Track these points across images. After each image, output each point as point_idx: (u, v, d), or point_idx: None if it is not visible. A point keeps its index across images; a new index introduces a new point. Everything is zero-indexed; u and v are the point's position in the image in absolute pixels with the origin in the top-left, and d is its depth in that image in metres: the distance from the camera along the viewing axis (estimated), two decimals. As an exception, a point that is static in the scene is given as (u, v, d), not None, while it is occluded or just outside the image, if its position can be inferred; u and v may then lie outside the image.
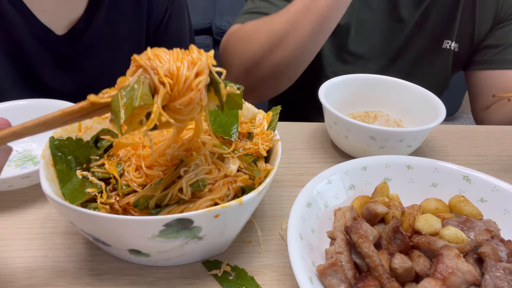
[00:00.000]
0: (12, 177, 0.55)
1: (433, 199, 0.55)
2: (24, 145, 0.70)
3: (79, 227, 0.44)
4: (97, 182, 0.51)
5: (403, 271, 0.44)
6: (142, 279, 0.48)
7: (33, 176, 0.57)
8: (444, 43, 1.03)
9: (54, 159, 0.50)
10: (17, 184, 0.57)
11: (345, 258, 0.45)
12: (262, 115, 0.57)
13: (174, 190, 0.45)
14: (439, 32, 1.02)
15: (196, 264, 0.50)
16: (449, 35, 1.02)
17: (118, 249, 0.46)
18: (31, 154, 0.68)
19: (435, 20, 1.00)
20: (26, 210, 0.57)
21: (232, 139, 0.54)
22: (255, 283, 0.48)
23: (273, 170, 0.48)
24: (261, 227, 0.56)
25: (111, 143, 0.55)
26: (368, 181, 0.58)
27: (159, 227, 0.40)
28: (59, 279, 0.48)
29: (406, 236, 0.48)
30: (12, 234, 0.53)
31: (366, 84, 0.79)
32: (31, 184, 0.59)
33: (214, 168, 0.49)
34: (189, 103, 0.38)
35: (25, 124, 0.37)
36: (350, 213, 0.50)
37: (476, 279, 0.41)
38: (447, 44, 1.03)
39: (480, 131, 0.82)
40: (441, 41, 1.03)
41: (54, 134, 0.52)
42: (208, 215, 0.42)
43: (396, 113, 0.79)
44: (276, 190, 0.63)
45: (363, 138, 0.65)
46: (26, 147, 0.70)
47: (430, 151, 0.75)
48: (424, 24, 1.01)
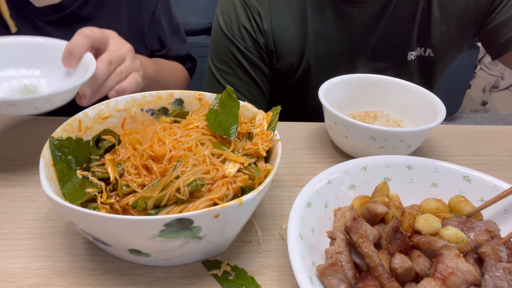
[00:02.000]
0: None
1: (433, 199, 0.55)
2: (34, 80, 0.69)
3: (79, 227, 0.44)
4: (97, 182, 0.51)
5: (403, 271, 0.44)
6: (142, 279, 0.48)
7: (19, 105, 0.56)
8: (408, 55, 0.98)
9: (54, 159, 0.50)
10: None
11: (345, 258, 0.45)
12: (262, 115, 0.57)
13: (172, 190, 0.45)
14: (403, 45, 0.97)
15: (196, 264, 0.50)
16: (412, 45, 0.97)
17: (118, 249, 0.46)
18: (37, 90, 0.68)
19: (396, 34, 0.95)
20: (26, 210, 0.57)
21: (231, 139, 0.54)
22: (255, 283, 0.48)
23: (273, 170, 0.48)
24: (261, 227, 0.56)
25: (112, 143, 0.55)
26: (368, 181, 0.58)
27: (159, 227, 0.40)
28: (59, 279, 0.48)
29: (406, 236, 0.48)
30: (12, 234, 0.53)
31: (366, 84, 0.79)
32: (16, 113, 0.58)
33: (212, 169, 0.49)
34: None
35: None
36: (350, 213, 0.50)
37: (476, 279, 0.41)
38: (412, 56, 0.98)
39: (480, 131, 0.82)
40: (406, 54, 0.98)
41: (54, 134, 0.52)
42: (208, 215, 0.42)
43: (396, 113, 0.79)
44: (276, 190, 0.63)
45: (363, 138, 0.65)
46: (35, 83, 0.69)
47: (430, 151, 0.75)
48: (383, 43, 0.96)
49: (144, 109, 0.62)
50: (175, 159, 0.50)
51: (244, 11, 0.94)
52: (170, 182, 0.46)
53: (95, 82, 0.64)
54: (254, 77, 0.98)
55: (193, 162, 0.49)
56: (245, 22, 0.94)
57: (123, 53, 0.69)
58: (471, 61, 2.36)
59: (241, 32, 0.95)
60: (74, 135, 0.55)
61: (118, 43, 0.69)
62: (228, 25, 0.96)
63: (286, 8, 0.94)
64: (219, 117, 0.56)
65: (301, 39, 0.94)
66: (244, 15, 0.94)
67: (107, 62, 0.65)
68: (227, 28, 0.96)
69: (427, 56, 0.99)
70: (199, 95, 0.62)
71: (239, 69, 0.98)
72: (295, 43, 0.95)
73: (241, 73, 0.98)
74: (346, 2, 0.91)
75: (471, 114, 2.59)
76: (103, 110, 0.59)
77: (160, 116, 0.62)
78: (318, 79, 0.95)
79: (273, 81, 1.03)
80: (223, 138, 0.55)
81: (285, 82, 1.01)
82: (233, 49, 0.96)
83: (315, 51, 0.96)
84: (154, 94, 0.62)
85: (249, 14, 0.94)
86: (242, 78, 0.98)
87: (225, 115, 0.57)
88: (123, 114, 0.61)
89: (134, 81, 0.69)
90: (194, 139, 0.53)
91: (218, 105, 0.58)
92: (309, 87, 1.00)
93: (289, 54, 0.96)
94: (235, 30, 0.95)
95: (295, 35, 0.94)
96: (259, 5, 0.93)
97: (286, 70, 0.99)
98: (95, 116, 0.58)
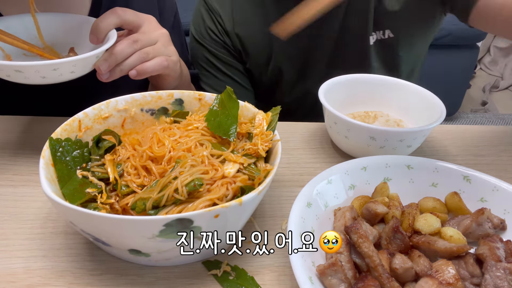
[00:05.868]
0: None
1: (431, 198, 0.55)
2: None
3: (79, 227, 0.44)
4: (97, 182, 0.51)
5: (403, 271, 0.44)
6: (142, 279, 0.48)
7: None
8: (370, 39, 0.96)
9: (54, 159, 0.50)
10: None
11: (345, 258, 0.45)
12: (262, 115, 0.57)
13: (170, 191, 0.45)
14: (362, 32, 0.94)
15: (196, 264, 0.50)
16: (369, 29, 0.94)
17: (118, 249, 0.46)
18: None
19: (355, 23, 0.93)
20: (26, 210, 0.57)
21: (231, 139, 0.54)
22: (255, 283, 0.48)
23: (273, 170, 0.48)
24: (261, 227, 0.56)
25: (112, 144, 0.55)
26: (368, 181, 0.58)
27: (159, 227, 0.40)
28: (59, 279, 0.48)
29: (406, 236, 0.48)
30: (12, 234, 0.53)
31: (366, 84, 0.79)
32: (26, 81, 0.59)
33: (211, 169, 0.49)
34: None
35: None
36: (350, 213, 0.50)
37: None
38: (372, 40, 0.96)
39: (480, 131, 0.82)
40: (366, 40, 0.95)
41: (54, 134, 0.52)
42: (208, 215, 0.42)
43: (396, 113, 0.79)
44: (276, 190, 0.63)
45: (363, 138, 0.65)
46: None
47: (430, 151, 0.75)
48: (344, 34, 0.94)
49: (144, 109, 0.62)
50: (174, 160, 0.50)
51: (208, 15, 0.97)
52: (168, 182, 0.46)
53: (113, 58, 0.63)
54: (230, 75, 1.01)
55: (192, 162, 0.49)
56: (210, 25, 0.97)
57: (155, 35, 0.68)
58: (471, 61, 2.36)
59: (209, 35, 0.98)
60: (74, 135, 0.55)
61: (151, 26, 0.68)
62: (198, 32, 0.99)
63: (248, 7, 0.95)
64: (218, 118, 0.56)
65: (267, 38, 0.94)
66: (209, 19, 0.97)
67: (132, 41, 0.64)
68: (197, 34, 1.00)
69: (387, 38, 0.96)
70: (199, 95, 0.62)
71: (214, 70, 1.01)
72: (260, 42, 0.96)
73: (217, 73, 1.01)
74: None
75: (471, 114, 2.59)
76: (103, 110, 0.59)
77: (160, 116, 0.62)
78: (291, 76, 0.98)
79: (251, 79, 1.04)
80: (223, 139, 0.55)
81: (260, 80, 1.03)
82: (205, 53, 1.00)
83: (282, 50, 0.96)
84: (154, 94, 0.62)
85: (213, 17, 0.97)
86: (220, 78, 1.01)
87: (224, 115, 0.57)
88: (123, 114, 0.61)
89: (158, 63, 0.68)
90: (194, 140, 0.53)
91: (218, 105, 0.58)
92: (283, 84, 1.01)
93: (257, 53, 0.98)
94: (204, 35, 0.98)
95: (260, 35, 0.95)
96: (220, 7, 0.96)
97: (257, 69, 1.01)
98: (95, 116, 0.58)
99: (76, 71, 0.60)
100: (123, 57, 0.64)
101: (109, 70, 0.64)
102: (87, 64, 0.61)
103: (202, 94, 0.62)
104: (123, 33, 0.69)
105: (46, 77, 0.57)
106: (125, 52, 0.64)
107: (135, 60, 0.65)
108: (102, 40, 0.64)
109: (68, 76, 0.59)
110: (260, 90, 1.07)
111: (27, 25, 0.68)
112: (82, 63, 0.60)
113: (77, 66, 0.59)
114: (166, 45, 0.70)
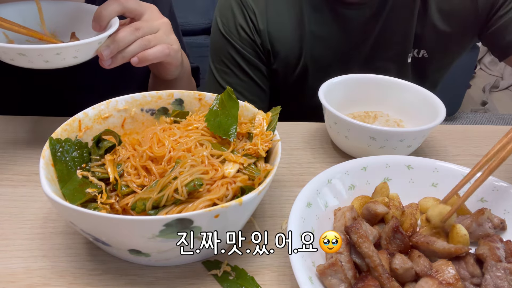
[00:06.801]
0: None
1: (431, 198, 0.55)
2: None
3: (79, 227, 0.44)
4: (97, 182, 0.51)
5: (403, 272, 0.44)
6: (142, 279, 0.48)
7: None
8: (408, 57, 0.98)
9: (54, 159, 0.50)
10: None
11: (345, 258, 0.45)
12: (262, 115, 0.57)
13: (170, 191, 0.45)
14: (401, 47, 0.96)
15: (196, 264, 0.50)
16: (409, 47, 0.97)
17: (118, 249, 0.46)
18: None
19: (393, 36, 0.95)
20: (26, 210, 0.57)
21: (231, 139, 0.54)
22: (255, 283, 0.48)
23: (273, 170, 0.48)
24: (261, 227, 0.56)
25: (112, 144, 0.55)
26: (368, 181, 0.58)
27: (160, 227, 0.40)
28: (59, 279, 0.48)
29: (406, 236, 0.48)
30: (12, 234, 0.53)
31: (366, 84, 0.79)
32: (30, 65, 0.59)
33: (211, 169, 0.49)
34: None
35: None
36: (350, 213, 0.50)
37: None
38: (409, 57, 0.98)
39: (480, 131, 0.82)
40: (406, 56, 0.98)
41: (54, 134, 0.52)
42: (208, 215, 0.42)
43: (396, 113, 0.79)
44: (276, 190, 0.63)
45: (363, 138, 0.65)
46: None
47: (430, 151, 0.75)
48: (380, 44, 0.96)
49: (144, 109, 0.62)
50: (174, 160, 0.50)
51: (241, 11, 0.95)
52: (168, 183, 0.46)
53: (115, 45, 0.63)
54: (253, 76, 0.99)
55: (192, 162, 0.49)
56: (242, 22, 0.95)
57: (157, 24, 0.68)
58: (471, 61, 2.36)
59: (238, 32, 0.95)
60: (74, 135, 0.55)
61: (153, 15, 0.69)
62: (225, 26, 0.97)
63: (283, 8, 0.94)
64: (218, 118, 0.56)
65: (298, 39, 0.94)
66: (240, 15, 0.95)
67: (134, 28, 0.65)
68: (224, 28, 0.97)
69: (421, 57, 0.99)
70: (199, 95, 0.62)
71: (237, 69, 0.99)
72: (291, 43, 0.95)
73: (239, 73, 0.99)
74: (342, 3, 0.91)
75: (471, 114, 2.59)
76: (103, 110, 0.59)
77: (160, 116, 0.62)
78: (316, 80, 0.95)
79: (273, 80, 1.03)
80: (223, 139, 0.55)
81: (284, 82, 1.02)
82: (230, 50, 0.97)
83: (312, 52, 0.96)
84: (154, 94, 0.62)
85: (246, 14, 0.94)
86: (241, 77, 0.99)
87: (224, 115, 0.57)
88: (123, 114, 0.61)
89: (160, 51, 0.68)
90: (194, 140, 0.53)
91: (218, 105, 0.58)
92: (307, 87, 1.00)
93: (286, 54, 0.96)
94: (232, 31, 0.96)
95: (291, 36, 0.94)
96: (255, 5, 0.94)
97: (284, 70, 0.99)
98: (95, 116, 0.58)
99: (79, 56, 0.60)
100: (125, 44, 0.64)
101: (111, 57, 0.64)
102: (89, 50, 0.61)
103: (202, 94, 0.62)
104: (126, 21, 0.69)
105: (49, 61, 0.57)
106: (127, 39, 0.64)
107: (137, 47, 0.66)
108: (104, 28, 0.64)
109: (70, 61, 0.60)
110: (280, 94, 1.05)
111: (24, 13, 0.68)
112: (85, 48, 0.60)
113: (80, 51, 0.59)
114: (167, 34, 0.70)
